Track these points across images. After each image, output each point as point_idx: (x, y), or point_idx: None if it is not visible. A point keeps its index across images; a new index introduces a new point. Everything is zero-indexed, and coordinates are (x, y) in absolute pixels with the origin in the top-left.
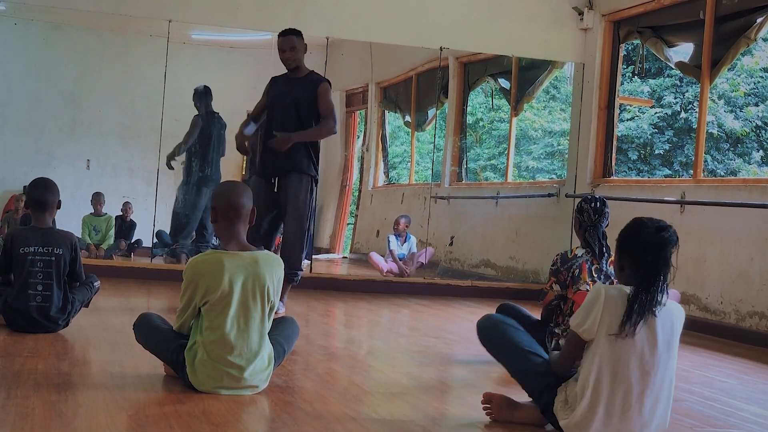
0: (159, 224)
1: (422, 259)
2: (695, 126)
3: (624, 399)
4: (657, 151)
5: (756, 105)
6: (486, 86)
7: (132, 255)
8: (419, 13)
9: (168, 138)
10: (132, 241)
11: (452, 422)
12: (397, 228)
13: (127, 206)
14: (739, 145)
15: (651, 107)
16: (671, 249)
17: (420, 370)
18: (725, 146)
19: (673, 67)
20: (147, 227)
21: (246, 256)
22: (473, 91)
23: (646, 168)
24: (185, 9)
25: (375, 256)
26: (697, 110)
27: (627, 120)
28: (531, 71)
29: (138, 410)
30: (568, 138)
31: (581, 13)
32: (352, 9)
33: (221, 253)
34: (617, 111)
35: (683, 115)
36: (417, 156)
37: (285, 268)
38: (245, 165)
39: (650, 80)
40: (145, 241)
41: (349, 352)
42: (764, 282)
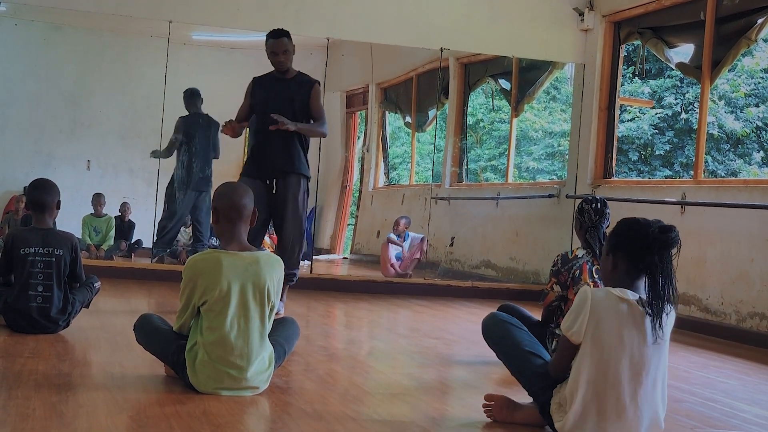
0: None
1: (418, 255)
2: (696, 127)
3: (617, 401)
4: (657, 152)
5: (756, 106)
6: (486, 87)
7: (132, 256)
8: (419, 14)
9: (168, 138)
10: (132, 242)
11: (452, 423)
12: (397, 228)
13: (126, 206)
14: (740, 146)
15: (651, 108)
16: (674, 249)
17: (420, 371)
18: (726, 147)
19: (674, 68)
20: (147, 228)
21: (246, 257)
22: (474, 92)
23: (647, 169)
24: (185, 10)
25: (391, 248)
26: (698, 111)
27: (627, 121)
28: (531, 72)
29: (138, 411)
30: (569, 139)
31: (582, 14)
32: (353, 9)
33: (220, 253)
34: (618, 112)
35: (684, 116)
36: (417, 157)
37: (284, 269)
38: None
39: (651, 81)
40: (146, 242)
41: (350, 353)
42: (765, 283)
